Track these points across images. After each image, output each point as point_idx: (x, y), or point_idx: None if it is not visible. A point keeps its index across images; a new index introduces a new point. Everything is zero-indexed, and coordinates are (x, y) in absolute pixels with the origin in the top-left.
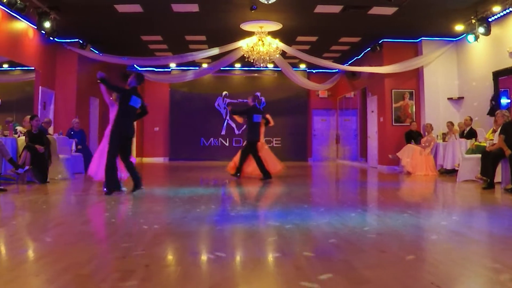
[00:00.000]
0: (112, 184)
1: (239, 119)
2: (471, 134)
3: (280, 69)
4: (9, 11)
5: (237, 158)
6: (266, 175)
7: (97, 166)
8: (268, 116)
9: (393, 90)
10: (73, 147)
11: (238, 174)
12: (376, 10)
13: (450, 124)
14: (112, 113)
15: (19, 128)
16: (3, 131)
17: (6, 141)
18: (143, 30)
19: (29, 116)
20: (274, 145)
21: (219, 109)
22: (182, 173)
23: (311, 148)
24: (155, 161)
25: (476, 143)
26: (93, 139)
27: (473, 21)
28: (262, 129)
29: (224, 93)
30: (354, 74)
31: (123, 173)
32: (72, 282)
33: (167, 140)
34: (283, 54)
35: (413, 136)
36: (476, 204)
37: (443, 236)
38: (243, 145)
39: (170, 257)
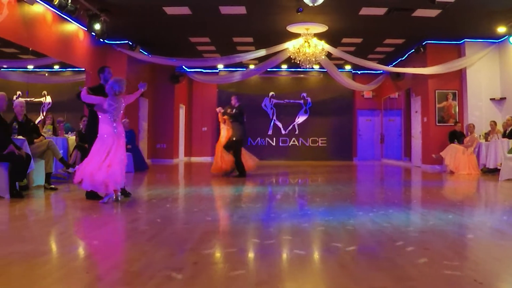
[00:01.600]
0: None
1: (222, 119)
2: None
3: (325, 70)
4: (60, 14)
5: (218, 158)
6: (242, 173)
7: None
8: None
9: (436, 91)
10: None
11: (245, 173)
12: (420, 12)
13: (494, 124)
14: None
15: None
16: (57, 130)
17: (57, 141)
18: (191, 32)
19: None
20: (320, 144)
21: (266, 109)
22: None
23: (356, 148)
24: (203, 161)
25: None
26: (142, 138)
27: None
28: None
29: (271, 93)
30: (398, 75)
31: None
32: (121, 279)
33: (215, 139)
34: (329, 55)
35: (457, 136)
36: None
37: (485, 234)
38: (229, 144)
39: (217, 254)
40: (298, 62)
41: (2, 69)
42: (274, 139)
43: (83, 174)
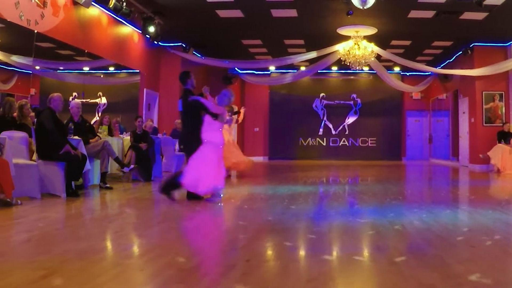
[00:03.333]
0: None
1: None
2: None
3: (375, 71)
4: (115, 16)
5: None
6: None
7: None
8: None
9: (483, 92)
10: (176, 147)
11: None
12: (467, 15)
13: None
14: None
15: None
16: (112, 131)
17: (112, 141)
18: (243, 35)
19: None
20: (370, 145)
21: (316, 110)
22: (281, 171)
23: (405, 148)
24: (255, 160)
25: None
26: None
27: None
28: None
29: (321, 94)
30: (446, 76)
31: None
32: (175, 276)
33: (267, 140)
34: (378, 57)
35: (505, 136)
36: None
37: None
38: None
39: (269, 252)
40: (348, 64)
41: (58, 71)
42: (325, 139)
43: (192, 178)
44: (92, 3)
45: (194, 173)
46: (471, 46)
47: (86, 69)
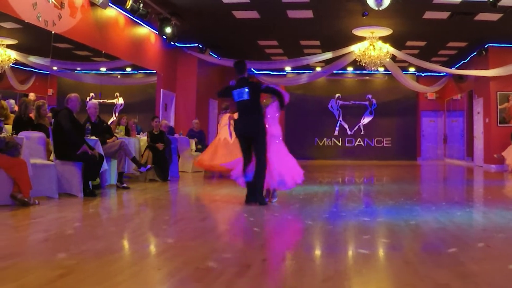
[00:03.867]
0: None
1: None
2: None
3: (390, 72)
4: (132, 17)
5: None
6: None
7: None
8: None
9: (498, 92)
10: (193, 147)
11: None
12: (482, 16)
13: None
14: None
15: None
16: (129, 131)
17: (129, 141)
18: (259, 35)
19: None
20: (385, 145)
21: (332, 110)
22: None
23: (420, 148)
24: None
25: None
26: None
27: None
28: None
29: (337, 95)
30: (461, 77)
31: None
32: (192, 276)
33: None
34: (393, 58)
35: None
36: None
37: None
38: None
39: (285, 251)
40: (363, 65)
41: (75, 72)
42: (340, 139)
43: (278, 177)
44: (109, 4)
45: (278, 171)
46: (485, 46)
47: (103, 69)
